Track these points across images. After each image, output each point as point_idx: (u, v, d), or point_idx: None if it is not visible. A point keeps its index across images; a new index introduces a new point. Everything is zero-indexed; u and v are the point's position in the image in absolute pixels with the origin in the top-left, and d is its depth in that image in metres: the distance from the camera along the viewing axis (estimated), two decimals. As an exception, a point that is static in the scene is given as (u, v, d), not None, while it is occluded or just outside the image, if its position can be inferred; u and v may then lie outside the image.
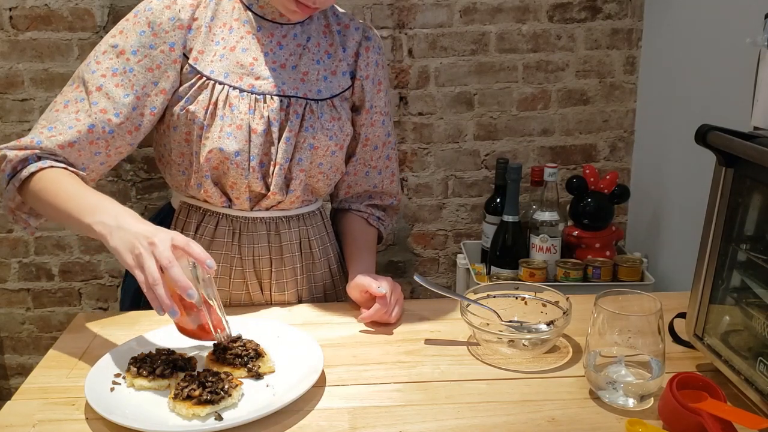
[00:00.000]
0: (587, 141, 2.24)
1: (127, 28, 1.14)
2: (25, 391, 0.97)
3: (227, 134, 1.13)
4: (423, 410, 0.91)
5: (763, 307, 0.89)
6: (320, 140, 1.19)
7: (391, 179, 1.37)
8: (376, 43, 1.27)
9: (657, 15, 2.06)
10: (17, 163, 1.09)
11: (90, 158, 1.14)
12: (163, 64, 1.13)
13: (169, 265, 0.89)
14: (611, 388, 0.91)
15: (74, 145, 1.11)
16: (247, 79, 1.16)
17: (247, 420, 0.86)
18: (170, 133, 1.17)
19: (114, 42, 1.14)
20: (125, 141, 1.15)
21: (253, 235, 1.22)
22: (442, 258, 2.34)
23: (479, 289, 1.15)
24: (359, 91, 1.26)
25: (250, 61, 1.17)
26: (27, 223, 1.16)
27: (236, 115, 1.14)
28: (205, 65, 1.15)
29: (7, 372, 2.37)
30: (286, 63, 1.19)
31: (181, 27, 1.14)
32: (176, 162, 1.20)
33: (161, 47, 1.13)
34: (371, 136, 1.30)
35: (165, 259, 0.90)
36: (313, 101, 1.19)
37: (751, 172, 0.91)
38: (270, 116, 1.15)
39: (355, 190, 1.36)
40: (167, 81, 1.14)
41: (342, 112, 1.23)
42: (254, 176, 1.17)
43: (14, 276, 2.27)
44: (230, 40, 1.17)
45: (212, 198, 1.19)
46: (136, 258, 0.91)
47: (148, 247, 0.91)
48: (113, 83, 1.12)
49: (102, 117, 1.11)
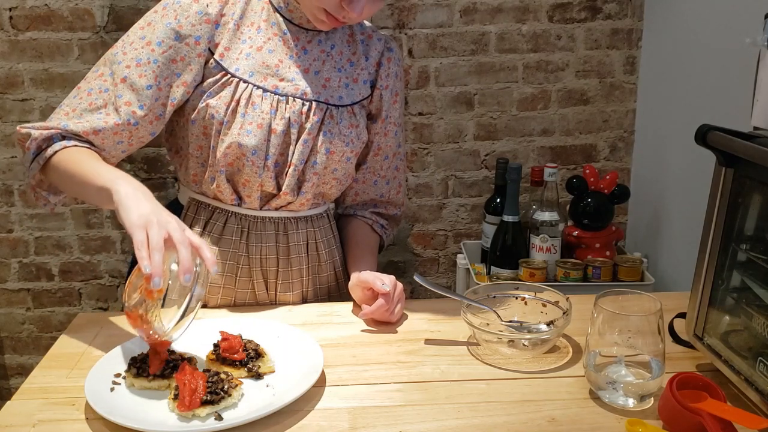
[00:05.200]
0: (587, 141, 2.24)
1: (155, 20, 1.15)
2: (25, 391, 0.97)
3: (247, 131, 1.14)
4: (423, 410, 0.91)
5: (763, 307, 0.89)
6: (337, 145, 1.20)
7: (398, 189, 1.39)
8: (397, 56, 1.29)
9: (657, 15, 2.06)
10: (42, 141, 1.12)
11: (113, 146, 1.16)
12: (187, 56, 1.15)
13: (184, 244, 0.90)
14: (611, 388, 0.91)
15: (99, 133, 1.14)
16: (272, 80, 1.17)
17: (247, 420, 0.86)
18: (188, 126, 1.19)
19: (141, 33, 1.15)
20: (147, 131, 1.17)
21: (261, 234, 1.22)
22: (442, 258, 2.34)
23: (479, 289, 1.15)
24: (377, 100, 1.27)
25: (275, 62, 1.18)
26: (47, 200, 1.19)
27: (258, 113, 1.15)
28: (231, 62, 1.16)
29: (7, 372, 2.37)
30: (309, 68, 1.20)
31: (208, 21, 1.15)
32: (194, 155, 1.21)
33: (186, 40, 1.14)
34: (383, 145, 1.31)
35: (182, 238, 0.90)
36: (333, 107, 1.21)
37: (751, 172, 0.91)
38: (291, 118, 1.17)
39: (362, 197, 1.37)
40: (190, 74, 1.15)
41: (360, 120, 1.25)
42: (268, 175, 1.18)
43: (14, 276, 2.27)
44: (257, 40, 1.18)
45: (223, 194, 1.20)
46: (146, 222, 0.91)
47: (164, 222, 0.92)
48: (137, 74, 1.13)
49: (127, 109, 1.13)
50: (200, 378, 0.90)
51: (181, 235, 0.91)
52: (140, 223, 0.91)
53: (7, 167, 2.16)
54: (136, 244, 0.90)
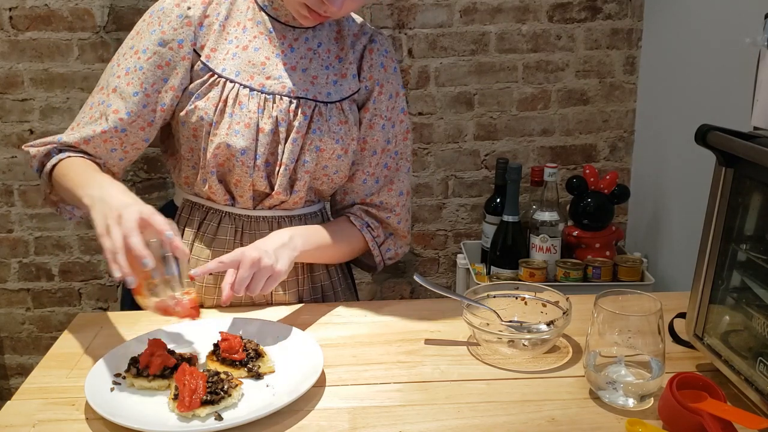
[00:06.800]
0: (587, 141, 2.24)
1: (142, 29, 1.18)
2: (25, 391, 0.97)
3: (235, 131, 1.14)
4: (423, 410, 0.91)
5: (763, 307, 0.89)
6: (327, 143, 1.19)
7: (390, 188, 1.30)
8: (382, 47, 1.27)
9: (657, 15, 2.06)
10: (42, 158, 1.17)
11: (107, 154, 1.19)
12: (172, 61, 1.15)
13: (128, 234, 0.92)
14: (611, 388, 0.91)
15: (89, 142, 1.17)
16: (258, 78, 1.17)
17: (247, 420, 0.86)
18: (179, 128, 1.19)
19: (131, 44, 1.18)
20: (139, 137, 1.19)
21: (256, 234, 1.22)
22: (442, 258, 2.34)
23: (479, 289, 1.15)
24: (363, 91, 1.26)
25: (261, 60, 1.18)
26: (72, 213, 1.23)
27: (245, 113, 1.15)
28: (217, 63, 1.16)
29: (7, 372, 2.37)
30: (296, 65, 1.20)
31: (189, 24, 1.16)
32: (186, 157, 1.21)
33: (170, 44, 1.15)
34: (369, 139, 1.26)
35: (126, 229, 0.92)
36: (322, 104, 1.20)
37: (751, 172, 0.90)
38: (278, 116, 1.16)
39: (351, 197, 1.31)
40: (176, 78, 1.16)
41: (350, 116, 1.23)
42: (259, 175, 1.17)
43: (14, 276, 2.27)
44: (243, 39, 1.18)
45: (216, 195, 1.20)
46: (106, 227, 0.94)
47: (116, 218, 0.94)
48: (125, 82, 1.16)
49: (114, 117, 1.16)
50: (200, 378, 0.90)
51: (127, 225, 0.92)
52: (102, 231, 0.95)
53: (7, 167, 2.16)
54: (104, 252, 0.93)
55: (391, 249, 1.34)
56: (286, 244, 1.15)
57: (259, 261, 1.07)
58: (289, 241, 1.15)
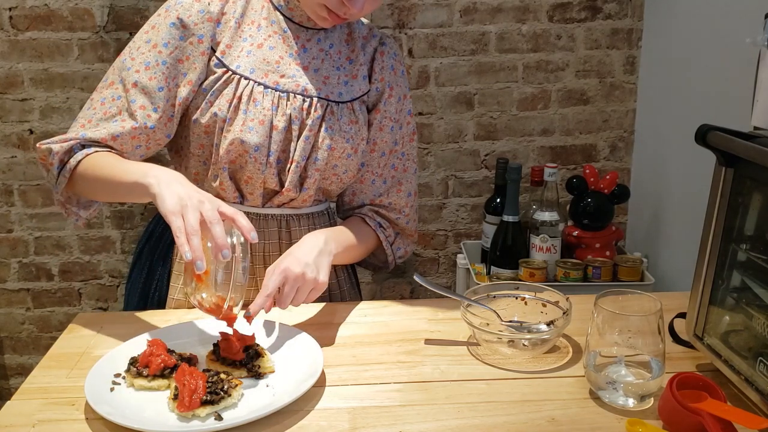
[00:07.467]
0: (587, 141, 2.24)
1: (158, 23, 1.17)
2: (25, 391, 0.97)
3: (249, 128, 1.15)
4: (423, 410, 0.91)
5: (763, 307, 0.89)
6: (337, 142, 1.20)
7: (398, 189, 1.32)
8: (392, 50, 1.29)
9: (657, 15, 2.06)
10: (63, 155, 1.14)
11: (132, 151, 1.17)
12: (191, 55, 1.16)
13: (216, 222, 0.94)
14: (611, 388, 0.91)
15: (117, 138, 1.15)
16: (273, 76, 1.18)
17: (247, 420, 0.86)
18: (190, 124, 1.19)
19: (147, 37, 1.17)
20: (163, 133, 1.19)
21: (264, 232, 1.23)
22: (442, 258, 2.34)
23: (479, 289, 1.15)
24: (373, 93, 1.27)
25: (276, 59, 1.19)
26: (78, 215, 1.22)
27: (259, 110, 1.15)
28: (232, 60, 1.17)
29: (7, 372, 2.37)
30: (309, 65, 1.21)
31: (210, 20, 1.16)
32: (195, 153, 1.21)
33: (190, 39, 1.16)
34: (378, 140, 1.28)
35: (211, 217, 0.94)
36: (334, 103, 1.21)
37: (751, 172, 0.90)
38: (292, 114, 1.17)
39: (359, 198, 1.32)
40: (194, 72, 1.16)
41: (360, 116, 1.24)
42: (270, 172, 1.18)
43: (14, 276, 2.27)
44: (258, 38, 1.19)
45: (226, 192, 1.21)
46: (181, 207, 0.95)
47: (197, 203, 0.95)
48: (147, 77, 1.15)
49: (143, 113, 1.15)
50: (200, 378, 0.90)
51: (212, 213, 0.95)
52: (175, 209, 0.95)
53: (7, 167, 2.16)
54: (174, 231, 0.94)
55: (401, 248, 1.36)
56: (323, 249, 1.15)
57: (303, 276, 1.08)
58: (324, 246, 1.16)
